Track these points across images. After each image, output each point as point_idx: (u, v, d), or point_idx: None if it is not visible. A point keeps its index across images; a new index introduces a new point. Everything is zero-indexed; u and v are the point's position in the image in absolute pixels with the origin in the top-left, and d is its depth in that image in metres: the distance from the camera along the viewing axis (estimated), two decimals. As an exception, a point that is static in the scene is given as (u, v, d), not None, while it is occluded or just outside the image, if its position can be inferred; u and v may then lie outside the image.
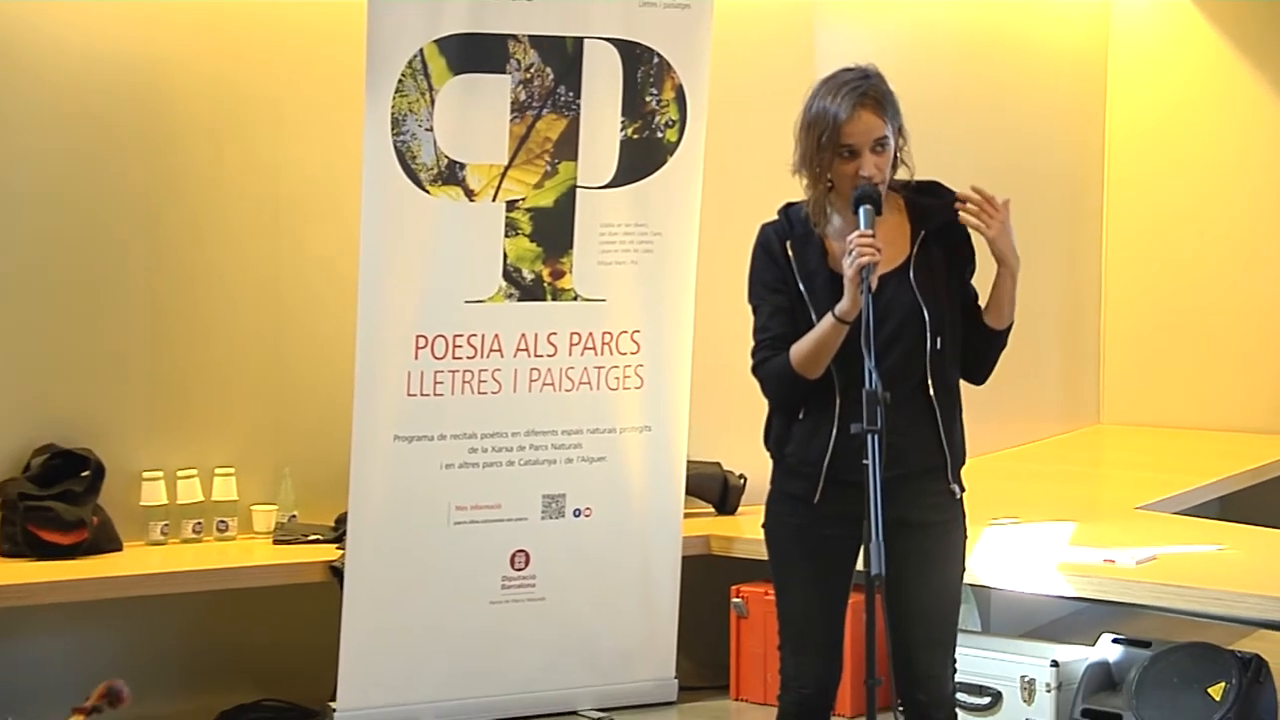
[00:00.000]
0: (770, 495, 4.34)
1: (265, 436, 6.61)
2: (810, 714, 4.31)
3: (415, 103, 5.94)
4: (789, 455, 4.24)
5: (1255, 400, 9.08)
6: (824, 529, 4.20)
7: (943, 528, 4.24)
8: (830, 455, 4.16)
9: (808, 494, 4.20)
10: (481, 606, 6.19)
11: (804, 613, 4.28)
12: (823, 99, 4.12)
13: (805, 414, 4.19)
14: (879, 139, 4.10)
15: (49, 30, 6.23)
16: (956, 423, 4.27)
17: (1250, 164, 9.11)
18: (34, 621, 6.17)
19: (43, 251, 6.29)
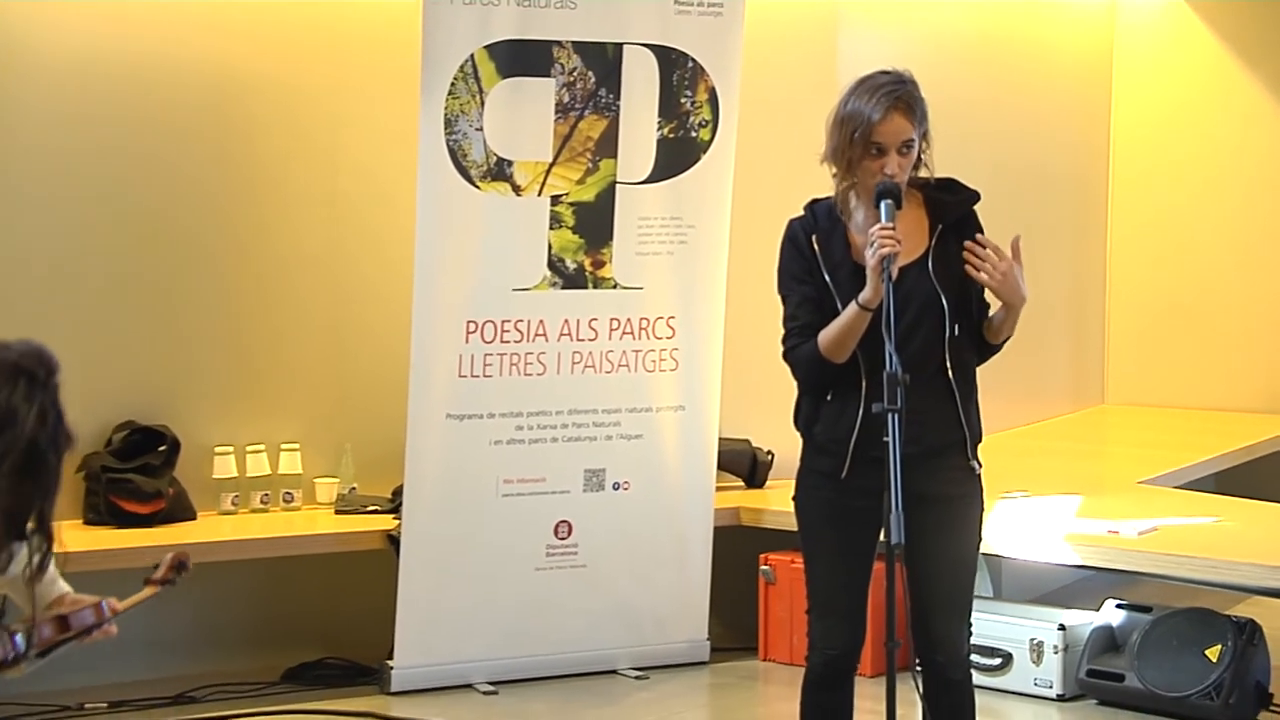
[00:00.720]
0: (800, 471, 4.34)
1: (327, 415, 6.63)
2: (836, 674, 4.32)
3: (466, 104, 5.96)
4: (818, 434, 4.25)
5: (1249, 382, 9.06)
6: (850, 502, 4.19)
7: (961, 501, 4.24)
8: (857, 434, 4.16)
9: (835, 470, 4.21)
10: (527, 573, 6.21)
11: (831, 580, 4.28)
12: (858, 98, 4.11)
13: (833, 396, 4.20)
14: (906, 141, 4.10)
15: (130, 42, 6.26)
16: (973, 403, 4.27)
17: (1246, 161, 9.09)
18: (114, 586, 6.15)
19: (123, 246, 6.32)
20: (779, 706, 5.77)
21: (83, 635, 3.46)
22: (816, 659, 4.33)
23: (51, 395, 3.20)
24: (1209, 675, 5.75)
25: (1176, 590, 6.33)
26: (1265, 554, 5.81)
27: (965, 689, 4.27)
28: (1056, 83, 9.01)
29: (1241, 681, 5.73)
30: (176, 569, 3.68)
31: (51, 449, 3.16)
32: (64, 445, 3.20)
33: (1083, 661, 6.02)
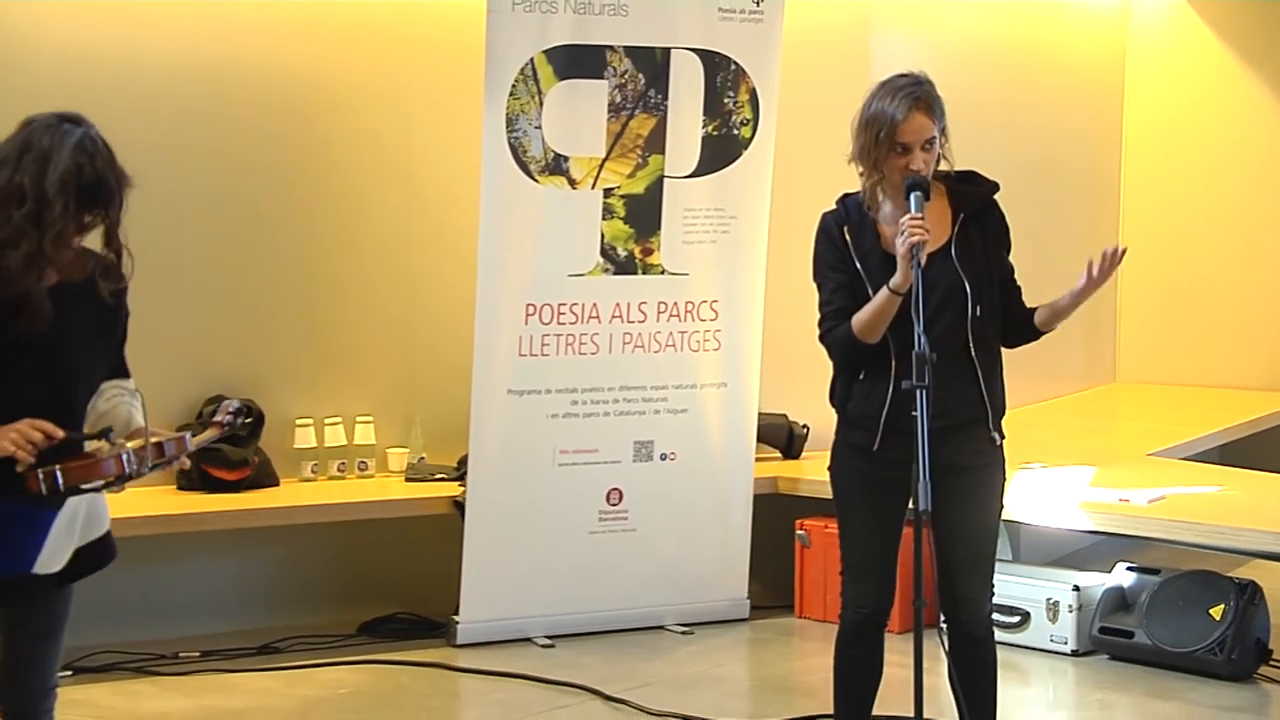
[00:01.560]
0: (835, 444, 4.34)
1: (399, 390, 6.65)
2: (867, 631, 4.31)
3: (526, 104, 5.96)
4: (851, 410, 4.24)
5: (1251, 361, 9.02)
6: (881, 472, 4.19)
7: (985, 471, 4.23)
8: (887, 409, 4.15)
9: (868, 443, 4.20)
10: (581, 537, 6.23)
11: (864, 545, 4.27)
12: (881, 100, 4.11)
13: (865, 375, 4.19)
14: (929, 138, 4.09)
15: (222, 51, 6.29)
16: (997, 379, 4.26)
17: (1248, 156, 9.04)
18: (204, 545, 6.26)
19: (214, 238, 6.36)
20: (813, 660, 5.78)
21: (170, 462, 3.53)
22: (850, 617, 4.32)
23: (91, 130, 3.46)
24: (1213, 632, 5.74)
25: (1183, 554, 6.30)
26: (1266, 521, 5.80)
27: (988, 645, 4.27)
28: (1072, 83, 8.97)
29: (1243, 638, 5.72)
30: (236, 414, 3.72)
31: (109, 170, 3.42)
32: (119, 173, 3.46)
33: (1095, 619, 6.01)
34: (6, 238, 3.33)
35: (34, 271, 3.34)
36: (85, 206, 3.38)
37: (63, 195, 3.34)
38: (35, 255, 3.33)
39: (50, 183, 3.33)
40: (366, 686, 5.69)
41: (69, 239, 3.38)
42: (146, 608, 6.00)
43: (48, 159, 3.35)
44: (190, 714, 5.34)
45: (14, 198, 3.34)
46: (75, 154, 3.37)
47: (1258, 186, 9.02)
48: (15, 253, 3.32)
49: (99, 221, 3.43)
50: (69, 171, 3.34)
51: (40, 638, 3.61)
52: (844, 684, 4.39)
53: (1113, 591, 6.08)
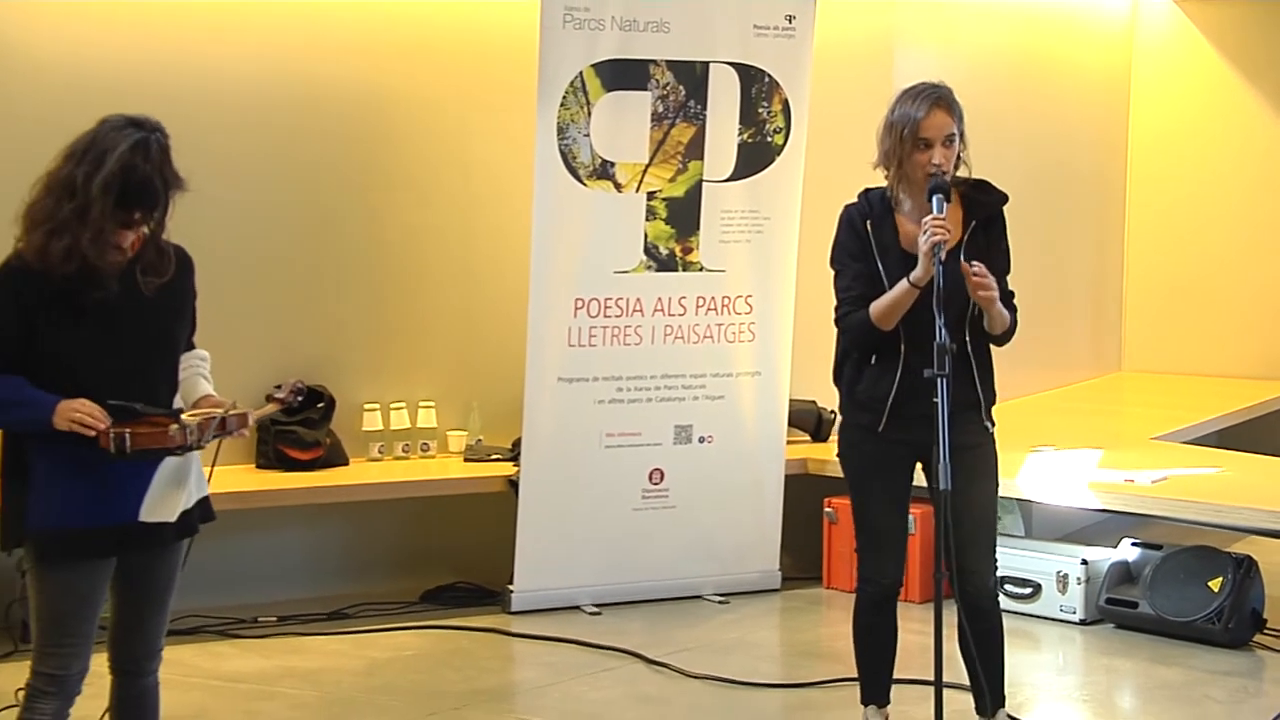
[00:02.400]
0: (842, 426, 4.34)
1: (458, 377, 6.66)
2: (884, 601, 4.32)
3: (576, 114, 5.97)
4: (860, 393, 4.24)
5: (1248, 352, 8.97)
6: (889, 450, 4.20)
7: (981, 449, 4.23)
8: (894, 393, 4.16)
9: (874, 424, 4.20)
10: (626, 513, 6.23)
11: (878, 521, 4.27)
12: (904, 104, 4.13)
13: (876, 360, 4.20)
14: (949, 135, 4.09)
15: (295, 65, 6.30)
16: (987, 371, 4.25)
17: (1246, 161, 8.99)
18: (280, 519, 6.29)
19: (293, 239, 6.38)
20: (840, 628, 5.74)
21: (230, 433, 3.56)
22: (866, 590, 4.32)
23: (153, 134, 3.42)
24: (1211, 603, 5.72)
25: (1184, 530, 6.28)
26: (1262, 499, 5.78)
27: (994, 615, 4.25)
28: (1082, 94, 8.93)
29: (1240, 609, 5.70)
30: (295, 393, 3.75)
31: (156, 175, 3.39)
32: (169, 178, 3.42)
33: (1102, 591, 6.00)
34: (54, 227, 3.35)
35: (73, 262, 3.35)
36: (129, 206, 3.38)
37: (105, 196, 3.34)
38: (73, 249, 3.35)
39: (96, 183, 3.33)
40: (428, 649, 5.71)
41: (108, 237, 3.37)
42: (229, 576, 6.02)
43: (103, 159, 3.35)
44: (267, 673, 5.37)
45: (68, 191, 3.36)
46: (127, 156, 3.36)
47: (1255, 189, 8.98)
48: (59, 243, 3.35)
49: (146, 220, 3.43)
50: (114, 174, 3.34)
51: (151, 600, 3.65)
52: (866, 653, 4.39)
53: (1118, 565, 6.06)
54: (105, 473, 3.46)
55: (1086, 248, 9.08)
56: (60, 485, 3.46)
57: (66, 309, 3.41)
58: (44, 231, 3.36)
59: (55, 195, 3.37)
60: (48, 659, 3.52)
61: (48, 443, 3.44)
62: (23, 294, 3.40)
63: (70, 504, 3.46)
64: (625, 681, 5.33)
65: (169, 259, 3.53)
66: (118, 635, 3.67)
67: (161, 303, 3.53)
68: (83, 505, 3.47)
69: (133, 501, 3.51)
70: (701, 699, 5.17)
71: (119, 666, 3.69)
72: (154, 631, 3.68)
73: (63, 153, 3.41)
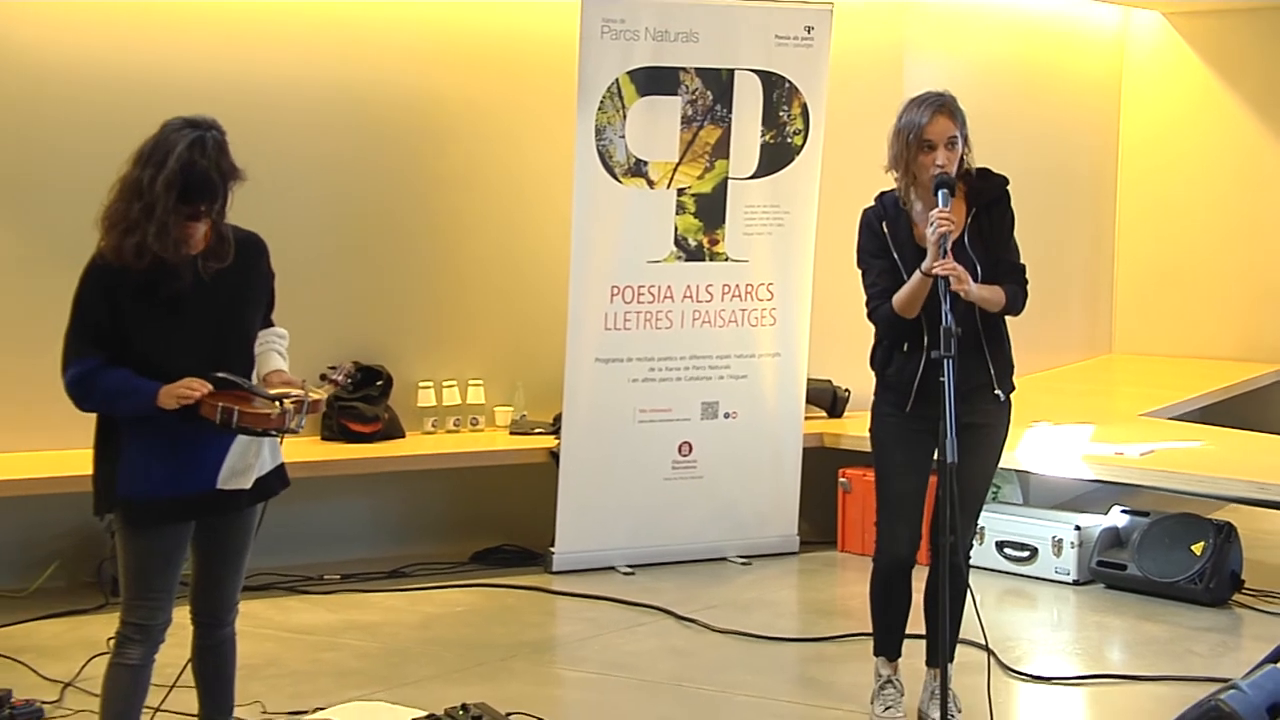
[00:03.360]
0: (874, 405, 4.32)
1: (504, 358, 6.66)
2: (900, 568, 4.28)
3: (612, 117, 5.96)
4: (890, 375, 4.23)
5: (1229, 335, 8.93)
6: (913, 427, 4.19)
7: (987, 429, 4.19)
8: (920, 375, 4.15)
9: (902, 403, 4.19)
10: (657, 482, 6.23)
11: (899, 492, 4.25)
12: (909, 111, 4.12)
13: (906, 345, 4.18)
14: (950, 137, 4.07)
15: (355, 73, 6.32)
16: (999, 347, 4.21)
17: (1227, 160, 8.94)
18: (344, 487, 6.32)
19: (355, 232, 6.40)
20: (853, 588, 5.78)
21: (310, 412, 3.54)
22: (884, 559, 4.29)
23: (208, 132, 3.41)
24: (1194, 565, 5.71)
25: (1169, 499, 6.26)
26: (1241, 471, 5.77)
27: (965, 576, 4.14)
28: (1077, 99, 8.88)
29: (1220, 570, 5.68)
30: (349, 376, 3.75)
31: (213, 170, 3.38)
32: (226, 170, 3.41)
33: (1094, 554, 5.98)
34: (126, 227, 3.37)
35: (145, 257, 3.36)
36: (190, 200, 3.38)
37: (168, 194, 3.34)
38: (143, 245, 3.36)
39: (160, 182, 3.34)
40: (477, 605, 5.73)
41: (174, 231, 3.37)
42: (297, 538, 6.05)
43: (165, 160, 3.35)
44: (332, 626, 5.40)
45: (136, 192, 3.37)
46: (185, 154, 3.35)
47: (1234, 185, 8.93)
48: (130, 240, 3.36)
49: (209, 212, 3.43)
50: (175, 173, 3.34)
51: (229, 558, 3.68)
52: (881, 615, 4.37)
53: (1109, 531, 6.04)
54: (187, 446, 3.49)
55: (1081, 240, 9.04)
56: (147, 458, 3.48)
57: (144, 302, 3.43)
58: (118, 232, 3.38)
59: (125, 198, 3.38)
60: (135, 611, 3.55)
61: (138, 420, 3.47)
62: (108, 288, 3.43)
63: (155, 475, 3.49)
64: (657, 635, 5.34)
65: (228, 245, 3.53)
66: (198, 590, 3.70)
67: (229, 288, 3.54)
68: (166, 476, 3.49)
69: (211, 472, 3.54)
70: (726, 651, 5.17)
71: (199, 619, 3.72)
72: (231, 587, 3.71)
73: (131, 157, 3.43)
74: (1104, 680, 4.87)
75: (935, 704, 4.17)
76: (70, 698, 4.51)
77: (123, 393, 3.42)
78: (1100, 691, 4.79)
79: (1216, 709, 3.60)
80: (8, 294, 5.72)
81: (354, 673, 4.85)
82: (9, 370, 5.71)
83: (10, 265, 5.73)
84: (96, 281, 3.43)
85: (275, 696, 4.53)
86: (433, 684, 4.72)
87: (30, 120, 5.74)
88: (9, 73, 5.70)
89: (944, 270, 3.95)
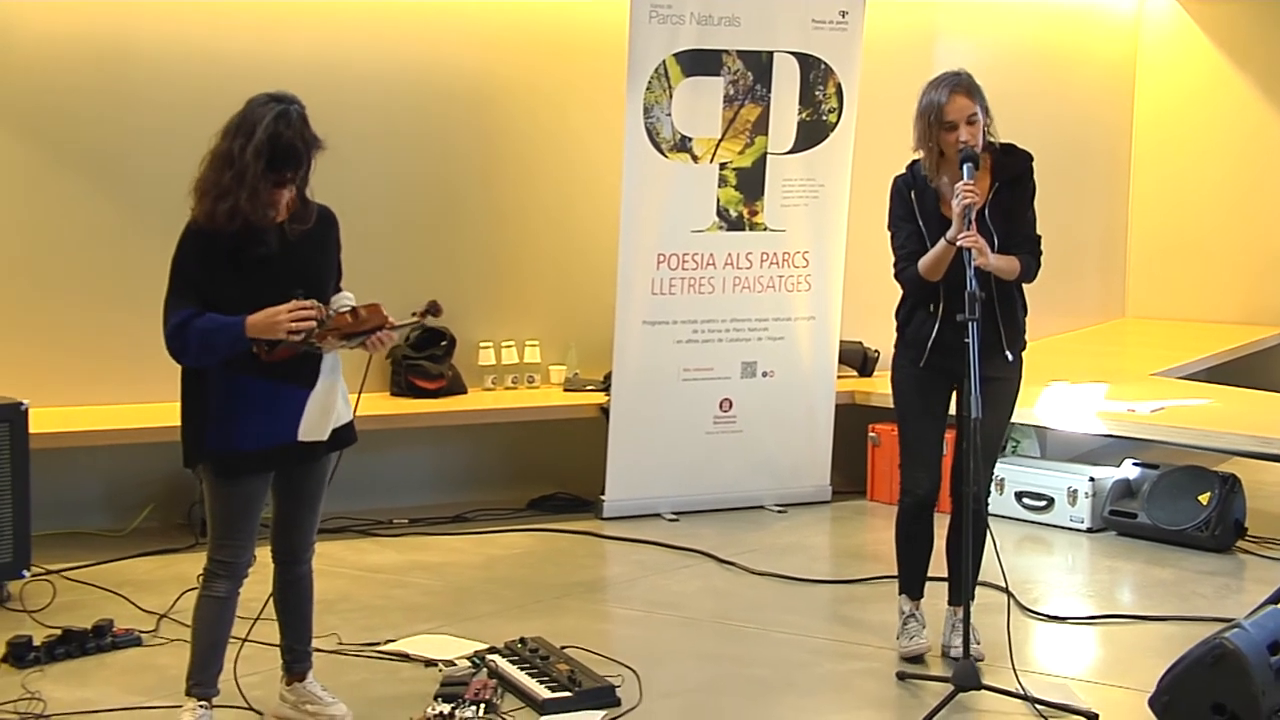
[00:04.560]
0: (894, 358, 4.34)
1: (559, 320, 6.66)
2: (921, 510, 4.30)
3: (660, 96, 5.94)
4: (909, 332, 4.25)
5: (1235, 300, 8.84)
6: (929, 378, 4.21)
7: (1001, 382, 4.18)
8: (935, 333, 4.15)
9: (918, 358, 4.21)
10: (700, 436, 6.24)
11: (918, 438, 4.26)
12: (929, 93, 4.11)
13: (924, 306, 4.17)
14: (970, 115, 4.05)
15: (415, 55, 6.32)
16: (1010, 310, 4.17)
17: (1235, 136, 8.83)
18: (411, 438, 6.35)
19: (420, 203, 6.40)
20: (881, 534, 5.77)
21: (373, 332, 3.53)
22: (907, 500, 4.31)
23: (291, 106, 3.43)
24: (1200, 514, 5.67)
25: (1178, 452, 6.21)
26: (1246, 426, 5.73)
27: (984, 520, 4.15)
28: (1094, 79, 8.78)
29: (1224, 519, 5.65)
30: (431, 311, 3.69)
31: (297, 139, 3.40)
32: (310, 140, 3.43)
33: (1106, 504, 5.95)
34: (218, 194, 3.39)
35: (236, 221, 3.39)
36: (278, 168, 3.40)
37: (257, 161, 3.36)
38: (235, 209, 3.38)
39: (250, 151, 3.36)
40: (534, 548, 5.75)
41: (263, 196, 3.40)
42: (369, 485, 6.10)
43: (253, 131, 3.38)
44: (401, 565, 5.44)
45: (227, 162, 3.39)
46: (272, 125, 3.38)
47: (1241, 160, 8.83)
48: (223, 205, 3.38)
49: (295, 179, 3.46)
50: (262, 142, 3.36)
51: (306, 503, 3.72)
52: (905, 556, 4.39)
53: (1120, 482, 6.00)
54: (269, 402, 3.52)
55: (1096, 211, 8.95)
56: (233, 414, 3.51)
57: (234, 262, 3.46)
58: (211, 199, 3.40)
59: (217, 168, 3.41)
60: (221, 550, 3.60)
61: (222, 377, 3.49)
62: (202, 249, 3.46)
63: (242, 430, 3.52)
64: (699, 577, 5.35)
65: (311, 210, 3.57)
66: (278, 532, 3.74)
67: (309, 251, 3.57)
68: (252, 430, 3.53)
69: (292, 425, 3.57)
70: (763, 592, 5.18)
71: (279, 557, 3.76)
72: (308, 529, 3.75)
73: (219, 132, 3.45)
74: (1115, 620, 4.85)
75: (957, 635, 4.19)
76: (165, 628, 4.58)
77: (215, 329, 3.42)
78: (1111, 630, 4.77)
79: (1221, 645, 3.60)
80: (106, 259, 5.79)
81: (421, 608, 4.88)
82: (109, 329, 5.78)
83: (109, 234, 5.79)
84: (192, 245, 3.47)
85: (349, 629, 4.58)
86: (493, 619, 4.75)
87: (124, 102, 5.79)
88: (104, 59, 5.75)
89: (967, 243, 3.93)
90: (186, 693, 3.65)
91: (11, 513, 4.79)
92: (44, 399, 5.29)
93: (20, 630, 4.40)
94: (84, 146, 5.77)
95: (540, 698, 3.91)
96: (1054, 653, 4.58)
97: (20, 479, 4.80)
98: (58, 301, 5.76)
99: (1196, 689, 3.61)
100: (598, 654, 4.30)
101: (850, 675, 4.26)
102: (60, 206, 5.76)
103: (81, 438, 5.44)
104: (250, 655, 3.98)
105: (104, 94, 5.76)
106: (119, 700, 3.97)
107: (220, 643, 3.65)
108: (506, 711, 3.89)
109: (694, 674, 4.26)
